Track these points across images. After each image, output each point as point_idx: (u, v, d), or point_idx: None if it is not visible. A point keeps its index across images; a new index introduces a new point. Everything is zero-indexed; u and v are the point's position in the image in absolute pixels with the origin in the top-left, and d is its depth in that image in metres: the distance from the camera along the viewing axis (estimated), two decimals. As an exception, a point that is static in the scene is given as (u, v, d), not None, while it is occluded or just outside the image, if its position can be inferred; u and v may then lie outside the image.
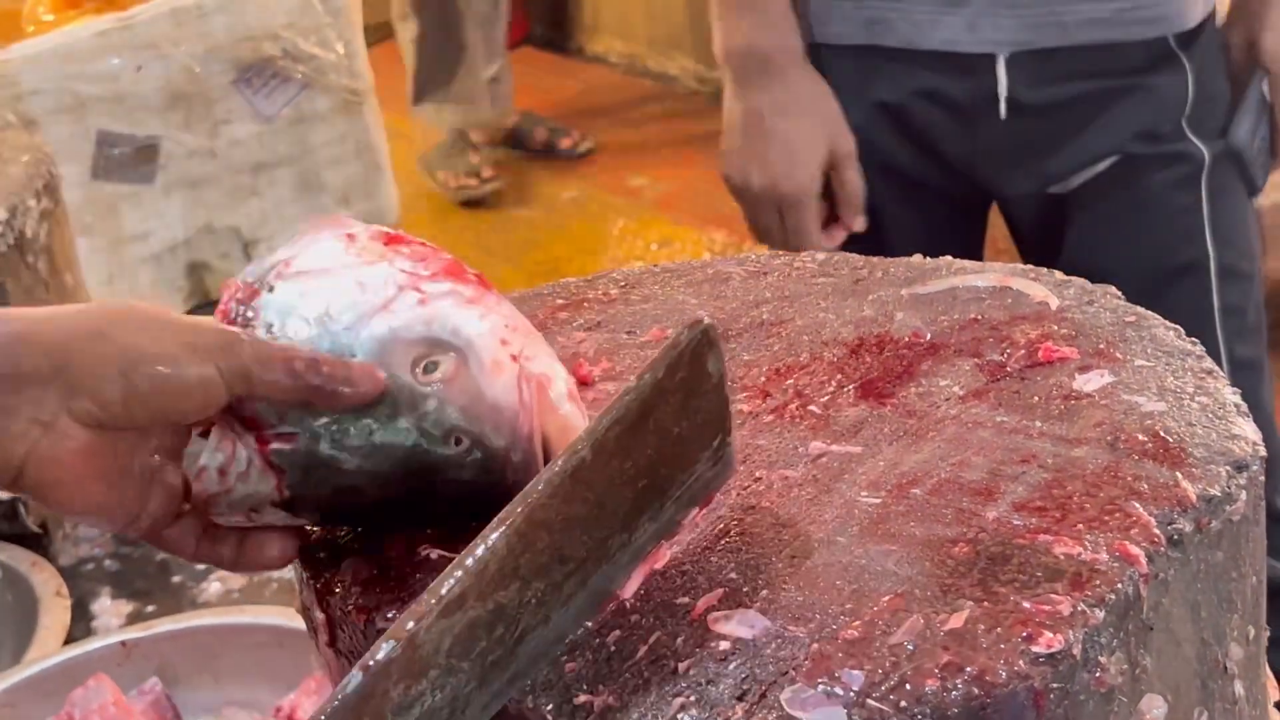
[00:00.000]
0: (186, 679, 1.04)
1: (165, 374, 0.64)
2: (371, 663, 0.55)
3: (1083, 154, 1.47)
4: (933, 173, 1.50)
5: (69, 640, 1.12)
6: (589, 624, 0.62)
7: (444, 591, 0.57)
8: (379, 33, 4.34)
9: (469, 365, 0.66)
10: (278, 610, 1.08)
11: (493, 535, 0.58)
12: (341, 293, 0.67)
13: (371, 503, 0.67)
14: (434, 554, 0.67)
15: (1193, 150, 1.46)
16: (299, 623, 0.74)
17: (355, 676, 0.55)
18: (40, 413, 0.64)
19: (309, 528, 0.70)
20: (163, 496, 0.68)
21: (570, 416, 0.67)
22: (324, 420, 0.66)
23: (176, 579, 1.26)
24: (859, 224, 1.47)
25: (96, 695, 0.96)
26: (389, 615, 0.65)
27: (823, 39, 1.47)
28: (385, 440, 0.66)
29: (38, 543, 1.26)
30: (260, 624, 1.06)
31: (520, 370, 0.67)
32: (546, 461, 0.66)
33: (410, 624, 0.56)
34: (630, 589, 0.63)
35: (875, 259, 0.88)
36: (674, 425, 0.64)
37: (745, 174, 1.46)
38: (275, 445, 0.66)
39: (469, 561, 0.57)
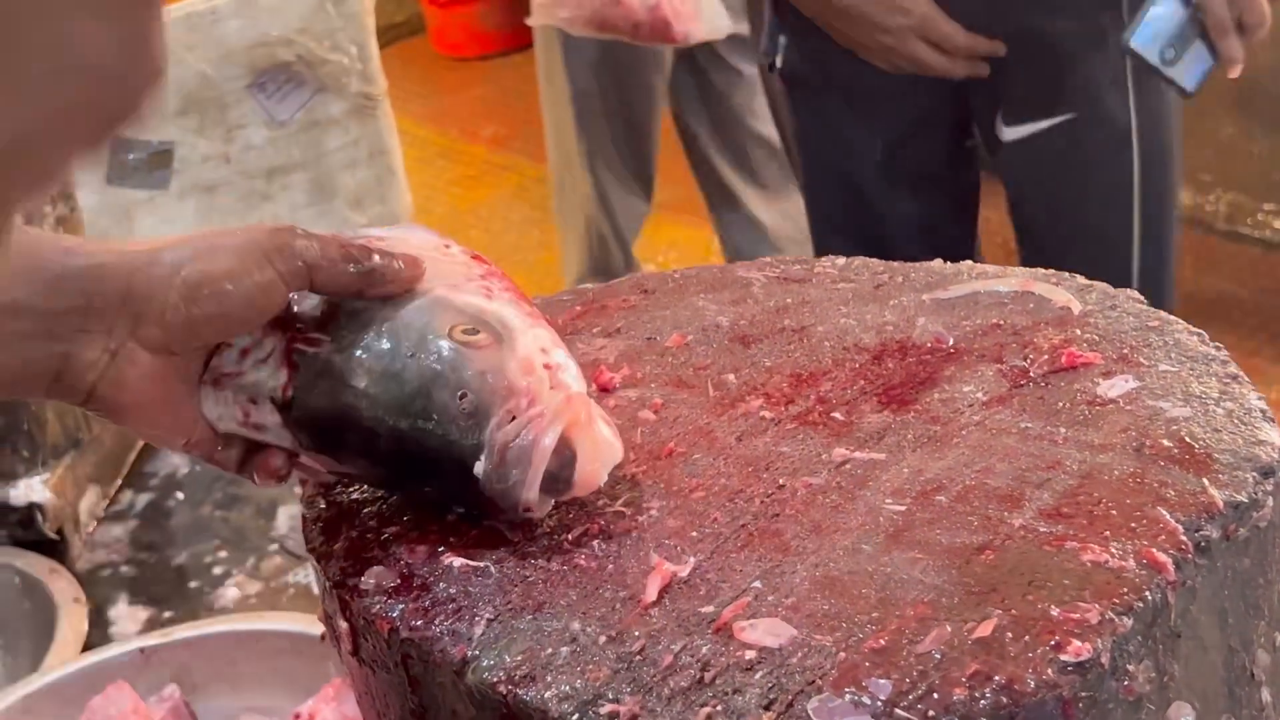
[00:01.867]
0: (204, 686, 1.04)
1: (228, 290, 0.67)
2: None
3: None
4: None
5: (87, 646, 1.12)
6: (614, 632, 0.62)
7: None
8: (390, 34, 4.35)
9: (502, 347, 0.67)
10: (296, 617, 1.08)
11: None
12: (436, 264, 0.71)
13: (360, 439, 0.68)
14: (456, 562, 0.67)
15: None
16: (316, 629, 0.74)
17: None
18: (110, 341, 0.67)
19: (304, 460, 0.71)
20: None
21: (603, 435, 0.67)
22: (356, 335, 0.68)
23: (193, 585, 1.26)
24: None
25: (115, 702, 0.97)
26: (413, 624, 0.64)
27: None
28: (399, 369, 0.67)
29: (55, 549, 1.26)
30: (278, 630, 1.06)
31: (551, 375, 0.67)
32: (554, 474, 0.66)
33: None
34: None
35: (896, 264, 0.88)
36: None
37: (884, 20, 1.50)
38: (300, 345, 0.68)
39: None
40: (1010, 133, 1.59)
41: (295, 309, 0.70)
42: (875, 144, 1.62)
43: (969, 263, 0.86)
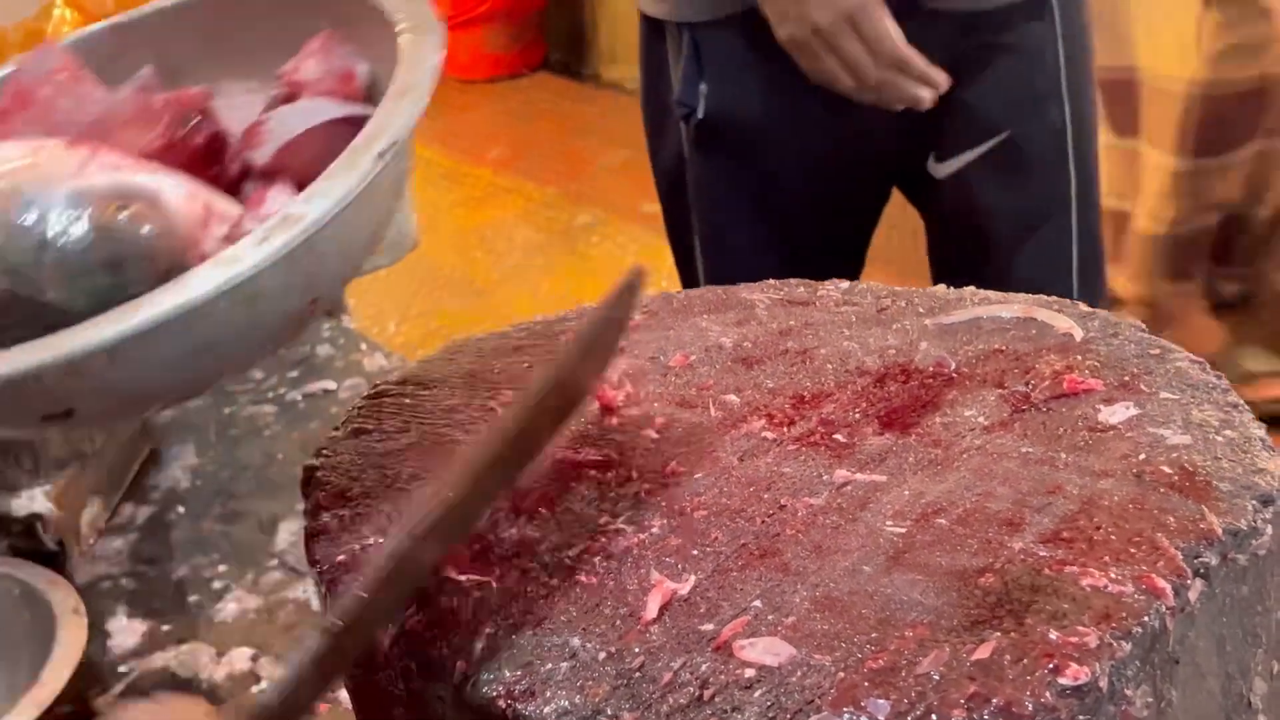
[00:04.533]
0: (187, 70, 0.90)
1: None
2: None
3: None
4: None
5: (85, 658, 1.12)
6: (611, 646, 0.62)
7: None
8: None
9: (156, 206, 0.70)
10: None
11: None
12: (22, 155, 0.73)
13: None
14: (458, 576, 0.68)
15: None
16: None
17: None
18: None
19: None
20: None
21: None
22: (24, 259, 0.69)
23: (193, 599, 1.26)
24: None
25: (45, 60, 0.83)
26: (413, 638, 0.65)
27: None
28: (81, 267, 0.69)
29: (55, 560, 1.26)
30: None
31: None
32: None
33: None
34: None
35: (899, 289, 0.88)
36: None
37: (804, 13, 1.42)
38: None
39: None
40: (943, 169, 1.56)
41: None
42: (796, 179, 1.57)
43: (971, 289, 0.86)
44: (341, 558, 0.70)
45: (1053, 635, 0.59)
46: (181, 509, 1.37)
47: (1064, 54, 1.50)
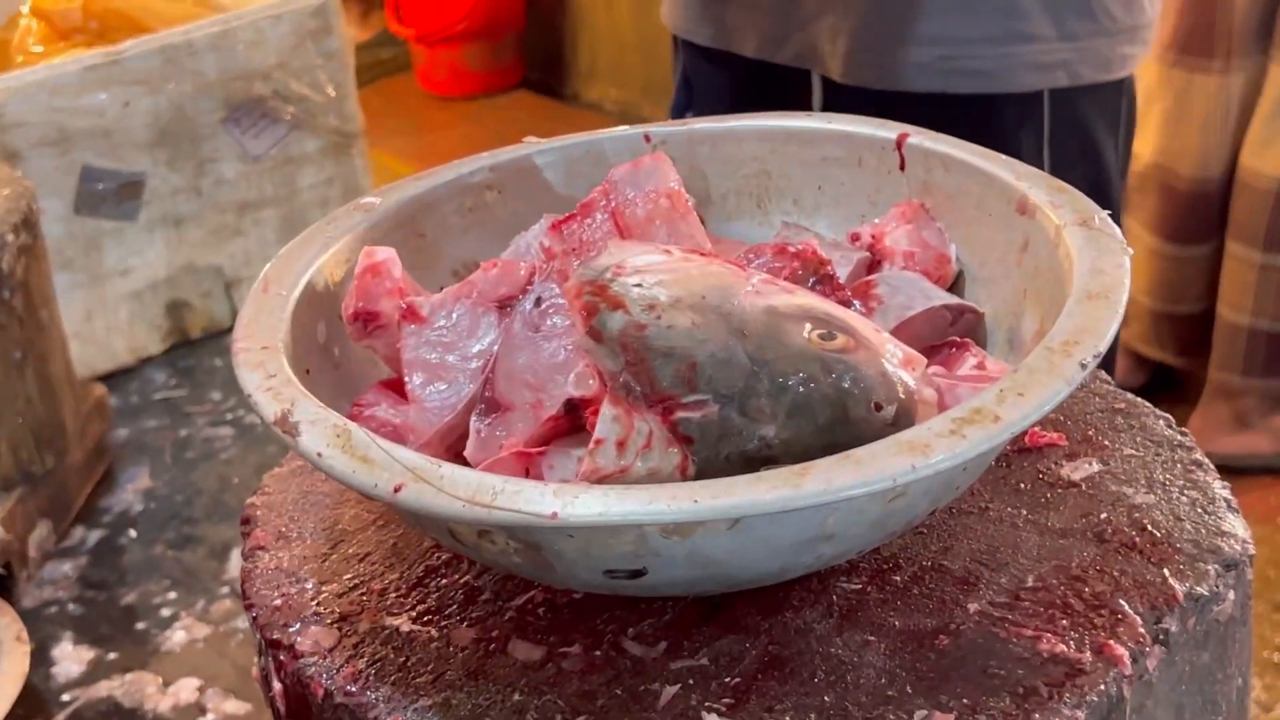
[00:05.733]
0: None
1: None
2: None
3: None
4: None
5: (27, 686, 1.09)
6: None
7: None
8: (377, 70, 4.34)
9: (859, 342, 0.61)
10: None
11: None
12: (698, 279, 0.63)
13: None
14: (397, 625, 0.66)
15: None
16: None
17: None
18: None
19: None
20: None
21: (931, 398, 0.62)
22: (731, 382, 0.59)
23: (140, 626, 1.23)
24: None
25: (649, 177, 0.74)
26: (348, 689, 0.62)
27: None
28: (804, 402, 0.59)
29: (1, 585, 1.23)
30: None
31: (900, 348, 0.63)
32: None
33: None
34: None
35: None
36: None
37: None
38: (683, 414, 0.59)
39: None
40: None
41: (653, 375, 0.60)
42: None
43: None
44: (277, 601, 0.68)
45: (1007, 702, 0.57)
46: (134, 533, 1.35)
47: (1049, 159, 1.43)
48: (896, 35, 1.33)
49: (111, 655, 1.20)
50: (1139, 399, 0.75)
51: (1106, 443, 0.72)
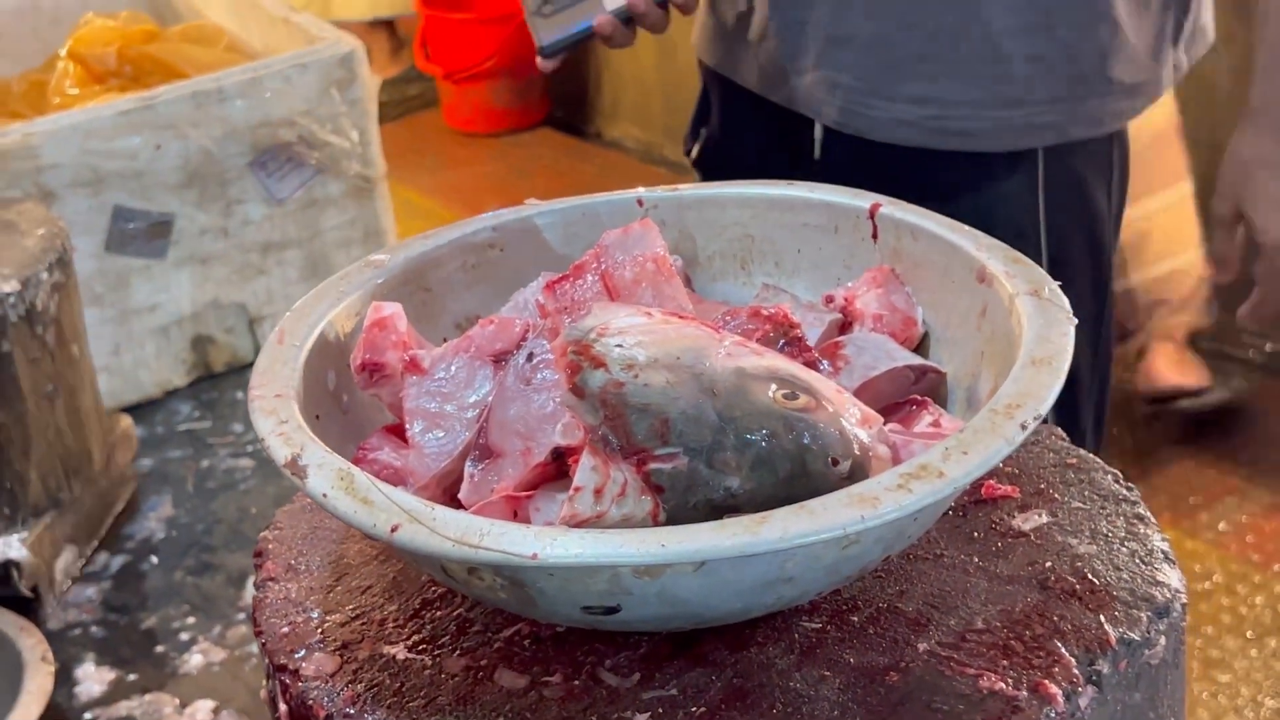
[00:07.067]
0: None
1: None
2: None
3: None
4: None
5: (51, 706, 1.15)
6: (534, 731, 0.66)
7: None
8: (403, 106, 4.43)
9: (820, 401, 0.66)
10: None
11: None
12: (675, 340, 0.68)
13: None
14: (394, 653, 0.71)
15: None
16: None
17: None
18: None
19: None
20: None
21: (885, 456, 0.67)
22: (700, 436, 0.64)
23: (159, 649, 1.29)
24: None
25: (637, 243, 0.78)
26: (347, 712, 0.68)
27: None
28: (766, 455, 0.64)
29: (29, 606, 1.29)
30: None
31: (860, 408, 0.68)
32: None
33: None
34: None
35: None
36: None
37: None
38: (655, 465, 0.64)
39: None
40: None
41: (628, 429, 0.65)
42: None
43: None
44: (284, 629, 0.73)
45: (946, 735, 0.63)
46: (155, 559, 1.41)
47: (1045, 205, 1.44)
48: (885, 94, 1.38)
49: (131, 676, 1.26)
50: (1090, 455, 0.81)
51: (1057, 495, 0.77)
